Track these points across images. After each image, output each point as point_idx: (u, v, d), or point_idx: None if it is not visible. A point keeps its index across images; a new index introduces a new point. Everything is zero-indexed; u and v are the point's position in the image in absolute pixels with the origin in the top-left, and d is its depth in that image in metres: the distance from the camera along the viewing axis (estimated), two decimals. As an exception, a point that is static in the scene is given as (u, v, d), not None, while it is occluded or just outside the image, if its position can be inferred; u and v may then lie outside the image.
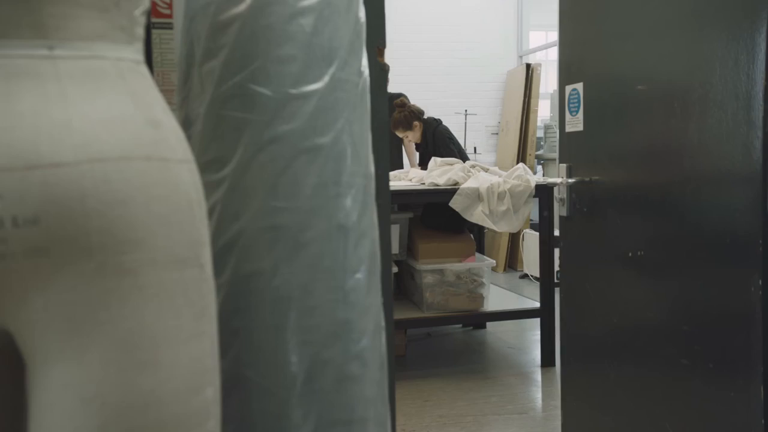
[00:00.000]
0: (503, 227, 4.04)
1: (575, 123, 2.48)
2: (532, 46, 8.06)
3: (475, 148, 7.64)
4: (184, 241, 0.78)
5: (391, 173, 4.74)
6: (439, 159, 4.45)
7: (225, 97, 1.06)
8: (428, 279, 4.15)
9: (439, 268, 4.15)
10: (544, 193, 4.14)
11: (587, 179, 2.43)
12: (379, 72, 1.46)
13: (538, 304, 4.19)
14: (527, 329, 4.93)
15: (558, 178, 2.53)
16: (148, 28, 1.42)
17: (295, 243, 1.05)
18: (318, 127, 1.06)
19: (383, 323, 1.17)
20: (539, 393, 3.83)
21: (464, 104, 7.57)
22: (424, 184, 4.27)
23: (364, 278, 1.09)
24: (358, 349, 1.08)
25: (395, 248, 4.18)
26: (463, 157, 4.93)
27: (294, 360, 1.05)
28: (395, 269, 4.07)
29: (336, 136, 1.07)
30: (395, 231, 4.19)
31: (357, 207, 1.09)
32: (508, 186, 4.01)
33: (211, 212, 1.04)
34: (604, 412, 2.41)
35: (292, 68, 1.05)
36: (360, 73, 1.13)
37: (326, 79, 1.06)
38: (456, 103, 7.42)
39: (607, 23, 2.34)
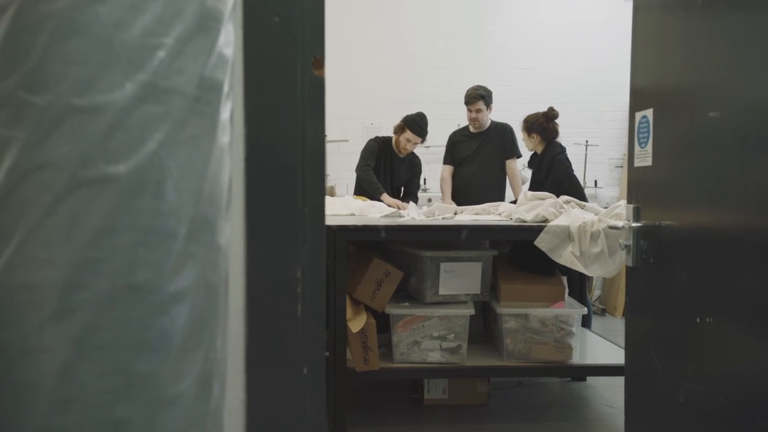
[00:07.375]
0: (595, 271, 3.59)
1: (644, 156, 2.07)
2: (665, 72, 7.42)
3: (596, 182, 7.11)
4: None
5: (480, 206, 4.39)
6: (530, 192, 4.06)
7: (-9, 108, 0.80)
8: (510, 324, 3.76)
9: (522, 313, 3.74)
10: (647, 234, 3.65)
11: (655, 224, 2.01)
12: (316, 87, 1.17)
13: (638, 360, 3.69)
14: (634, 385, 4.39)
15: (620, 221, 2.12)
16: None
17: (57, 309, 0.74)
18: (111, 150, 0.76)
19: (215, 420, 0.86)
20: (628, 466, 3.32)
21: (584, 134, 7.07)
22: (511, 219, 3.90)
23: (170, 359, 0.79)
24: (144, 462, 0.78)
25: (476, 288, 3.81)
26: (579, 193, 4.48)
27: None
28: (471, 311, 3.70)
29: (141, 164, 0.77)
30: (477, 269, 3.83)
31: (169, 262, 0.79)
32: (603, 225, 3.56)
33: (-41, 261, 0.79)
34: None
35: (81, 72, 0.76)
36: (201, 82, 0.83)
37: (129, 87, 0.78)
38: (575, 133, 6.92)
39: (681, 45, 1.93)
